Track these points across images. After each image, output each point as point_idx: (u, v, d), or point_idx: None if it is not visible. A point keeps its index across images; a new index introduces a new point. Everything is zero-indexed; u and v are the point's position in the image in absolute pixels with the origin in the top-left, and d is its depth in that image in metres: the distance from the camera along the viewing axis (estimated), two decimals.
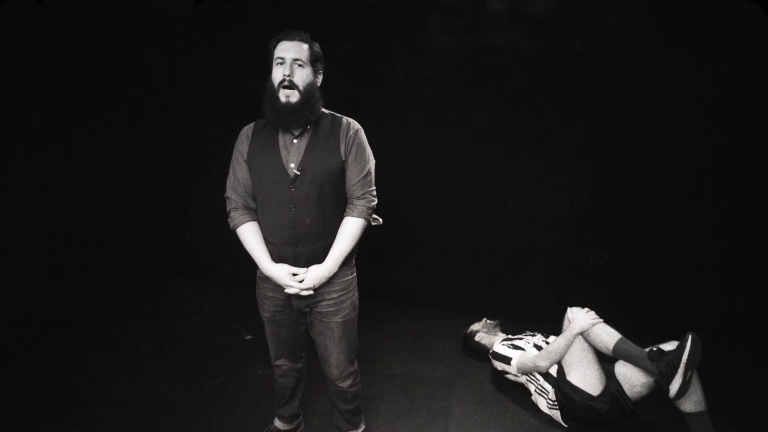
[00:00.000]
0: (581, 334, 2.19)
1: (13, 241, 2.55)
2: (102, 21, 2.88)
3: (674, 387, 1.90)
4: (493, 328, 2.83)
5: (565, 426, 2.23)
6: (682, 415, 1.98)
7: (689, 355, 1.88)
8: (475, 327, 2.84)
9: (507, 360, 2.43)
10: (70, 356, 2.71)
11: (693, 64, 2.78)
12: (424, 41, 3.11)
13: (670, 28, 2.77)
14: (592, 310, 2.26)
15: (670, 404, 1.99)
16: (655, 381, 2.01)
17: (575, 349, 2.19)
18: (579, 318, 2.21)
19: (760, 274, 2.92)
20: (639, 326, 3.01)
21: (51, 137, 2.71)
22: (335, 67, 2.17)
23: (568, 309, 2.31)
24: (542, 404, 2.32)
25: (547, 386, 2.28)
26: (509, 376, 2.50)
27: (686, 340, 1.92)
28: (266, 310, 1.87)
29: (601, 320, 2.20)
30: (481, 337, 2.75)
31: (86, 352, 2.76)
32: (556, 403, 2.24)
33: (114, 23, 2.96)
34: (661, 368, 1.93)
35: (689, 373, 1.88)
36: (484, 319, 2.88)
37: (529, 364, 2.34)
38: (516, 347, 2.48)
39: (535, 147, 3.11)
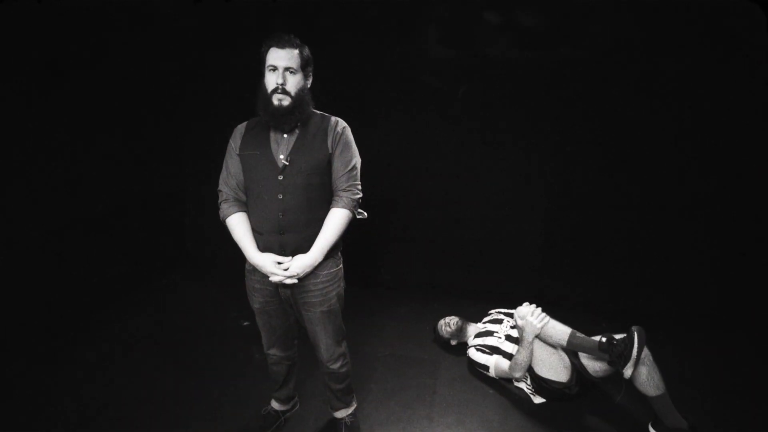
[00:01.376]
0: (537, 336, 2.32)
1: (11, 235, 2.60)
2: (101, 20, 2.90)
3: (627, 372, 2.06)
4: (459, 329, 2.79)
5: (543, 400, 2.41)
6: (645, 398, 2.15)
7: (638, 348, 2.04)
8: (444, 334, 2.83)
9: (485, 368, 2.57)
10: (70, 347, 2.78)
11: (692, 64, 2.83)
12: (410, 46, 3.20)
13: (670, 28, 2.81)
14: (539, 306, 2.35)
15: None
16: (609, 365, 2.17)
17: (536, 348, 2.33)
18: (528, 325, 2.30)
19: (715, 260, 3.11)
20: (604, 305, 3.21)
21: (50, 133, 2.74)
22: (332, 70, 2.19)
23: (515, 312, 2.37)
24: (522, 385, 2.50)
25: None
26: None
27: (633, 334, 2.06)
28: (256, 301, 1.94)
29: (548, 319, 2.31)
30: (456, 341, 2.83)
31: (87, 342, 2.84)
32: (533, 389, 2.42)
33: (113, 23, 2.99)
34: (613, 358, 2.10)
35: (638, 359, 2.05)
36: (445, 319, 2.86)
37: (505, 376, 2.50)
38: (491, 349, 2.58)
39: (511, 143, 3.24)
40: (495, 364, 2.52)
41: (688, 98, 2.90)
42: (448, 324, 2.84)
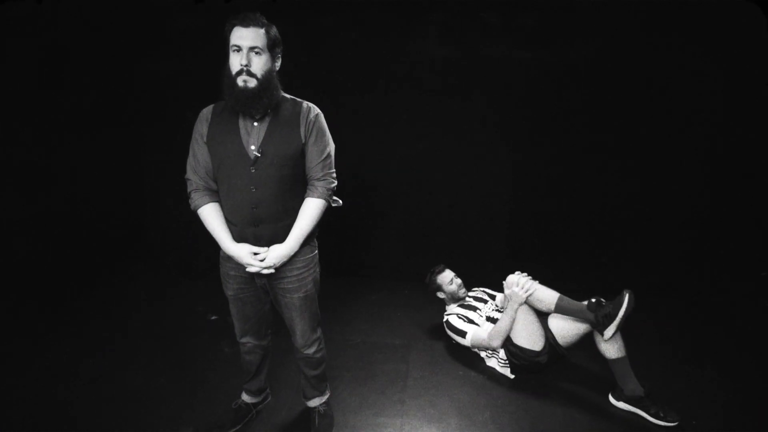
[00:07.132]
0: (525, 302, 2.40)
1: None
2: (99, 20, 2.85)
3: (608, 333, 2.19)
4: (459, 288, 2.81)
5: (512, 377, 2.49)
6: (606, 361, 2.28)
7: (626, 310, 2.15)
8: (446, 282, 2.81)
9: (462, 333, 2.64)
10: (28, 345, 2.68)
11: (692, 64, 2.87)
12: (391, 42, 3.18)
13: (669, 27, 2.84)
14: (528, 274, 2.45)
15: (596, 352, 2.29)
16: (592, 326, 2.28)
17: (518, 316, 2.42)
18: (514, 295, 2.41)
19: (673, 238, 3.28)
20: (573, 283, 3.33)
21: (14, 125, 2.63)
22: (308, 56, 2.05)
23: (504, 282, 2.47)
24: (493, 363, 2.57)
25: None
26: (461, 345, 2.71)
27: (624, 297, 2.18)
28: (230, 288, 1.90)
29: (536, 287, 2.40)
30: (444, 296, 2.85)
31: (46, 340, 2.73)
32: (506, 361, 2.50)
33: (111, 22, 2.92)
34: (598, 318, 2.21)
35: (623, 322, 2.17)
36: (455, 275, 2.86)
37: (483, 343, 2.57)
38: (470, 321, 2.66)
39: (481, 131, 3.28)
40: (474, 332, 2.59)
41: (687, 97, 2.96)
42: (455, 281, 2.83)
